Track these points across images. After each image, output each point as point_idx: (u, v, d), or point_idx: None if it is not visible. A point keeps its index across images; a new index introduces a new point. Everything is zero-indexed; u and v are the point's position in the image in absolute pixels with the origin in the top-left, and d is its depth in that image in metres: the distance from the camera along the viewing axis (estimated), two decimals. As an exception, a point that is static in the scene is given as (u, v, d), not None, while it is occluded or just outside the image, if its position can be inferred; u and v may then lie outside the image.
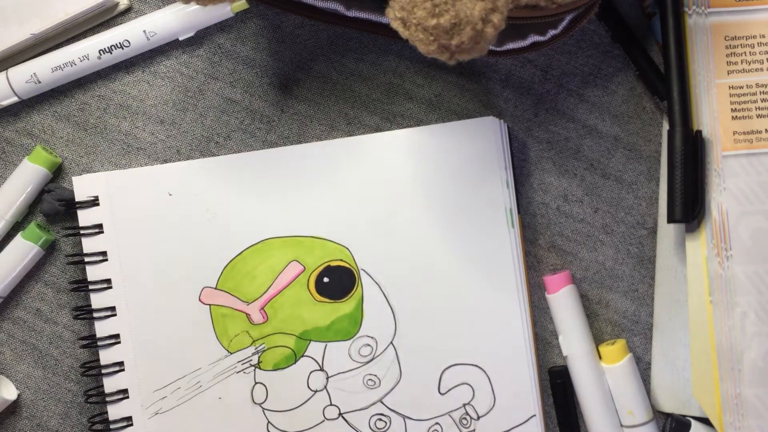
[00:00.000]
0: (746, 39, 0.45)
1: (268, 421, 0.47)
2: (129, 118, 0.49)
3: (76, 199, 0.47)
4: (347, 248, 0.47)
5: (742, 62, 0.45)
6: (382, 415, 0.47)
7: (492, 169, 0.46)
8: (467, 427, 0.47)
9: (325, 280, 0.47)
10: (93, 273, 0.47)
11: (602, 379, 0.47)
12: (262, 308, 0.47)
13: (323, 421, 0.47)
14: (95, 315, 0.47)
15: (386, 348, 0.47)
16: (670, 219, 0.44)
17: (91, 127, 0.49)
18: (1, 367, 0.49)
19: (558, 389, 0.48)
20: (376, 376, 0.47)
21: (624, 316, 0.48)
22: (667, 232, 0.47)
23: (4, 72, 0.48)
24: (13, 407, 0.49)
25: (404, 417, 0.47)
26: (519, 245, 0.47)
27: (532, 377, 0.47)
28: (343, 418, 0.47)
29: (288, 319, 0.47)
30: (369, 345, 0.47)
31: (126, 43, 0.47)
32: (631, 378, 0.46)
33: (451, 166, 0.47)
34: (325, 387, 0.47)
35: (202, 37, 0.49)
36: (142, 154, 0.49)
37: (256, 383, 0.47)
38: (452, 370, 0.47)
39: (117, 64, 0.49)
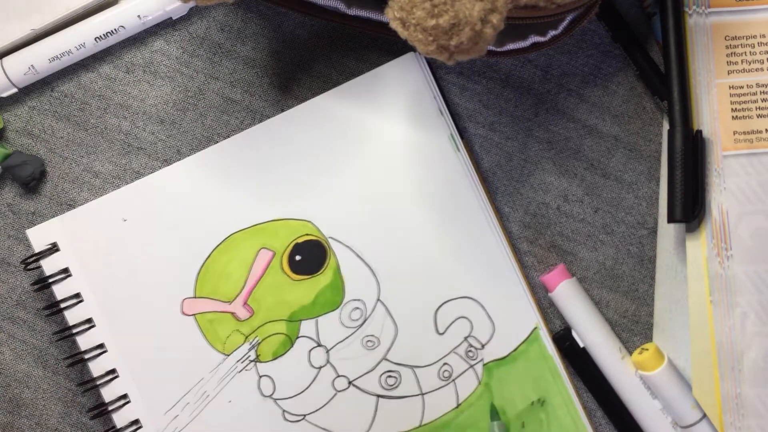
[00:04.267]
0: (746, 39, 0.45)
1: (283, 410, 0.47)
2: (129, 118, 0.49)
3: (35, 251, 0.47)
4: (310, 221, 0.47)
5: (742, 62, 0.45)
6: (390, 372, 0.47)
7: (425, 102, 0.47)
8: (474, 359, 0.47)
9: (297, 258, 0.47)
10: (73, 315, 0.47)
11: (626, 360, 0.47)
12: (245, 303, 0.47)
13: (335, 394, 0.47)
14: (86, 356, 0.47)
15: (375, 306, 0.47)
16: (671, 219, 0.44)
17: (92, 127, 0.49)
18: (1, 366, 0.49)
19: (569, 352, 0.47)
20: (373, 335, 0.47)
21: (624, 316, 0.48)
22: (667, 232, 0.47)
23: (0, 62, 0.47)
24: (13, 406, 0.49)
25: (412, 367, 0.47)
26: (470, 165, 0.47)
27: (523, 290, 0.47)
28: (353, 385, 0.47)
29: (273, 307, 0.47)
30: (358, 308, 0.47)
31: (121, 28, 0.47)
32: (678, 377, 0.46)
33: (386, 112, 0.47)
34: (328, 361, 0.47)
35: (202, 36, 0.49)
36: (142, 154, 0.49)
37: (260, 377, 0.47)
38: (444, 308, 0.47)
39: (117, 64, 0.49)
